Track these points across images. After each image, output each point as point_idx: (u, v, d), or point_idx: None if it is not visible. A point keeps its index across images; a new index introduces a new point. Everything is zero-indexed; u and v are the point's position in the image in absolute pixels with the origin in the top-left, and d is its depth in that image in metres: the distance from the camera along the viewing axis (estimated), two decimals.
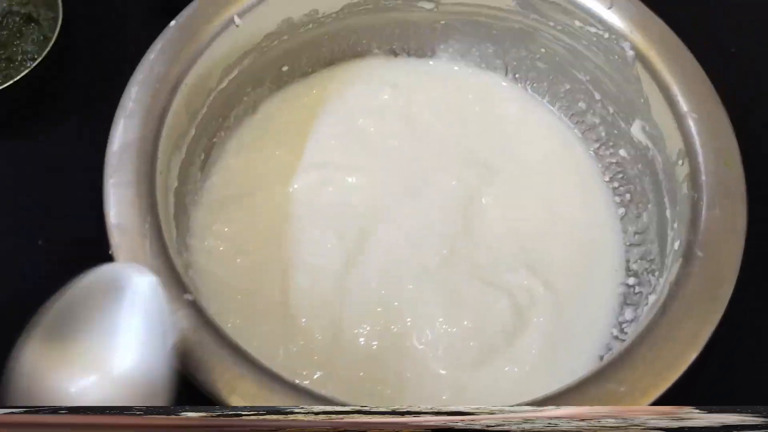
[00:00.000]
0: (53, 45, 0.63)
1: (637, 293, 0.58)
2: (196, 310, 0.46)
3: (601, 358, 0.56)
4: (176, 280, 0.46)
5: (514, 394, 0.51)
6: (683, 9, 0.63)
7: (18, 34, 0.68)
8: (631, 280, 0.59)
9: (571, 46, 0.64)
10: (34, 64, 0.62)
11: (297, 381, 0.49)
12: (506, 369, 0.55)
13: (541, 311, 0.57)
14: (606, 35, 0.60)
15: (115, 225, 0.48)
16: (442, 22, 0.68)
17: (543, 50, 0.66)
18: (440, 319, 0.56)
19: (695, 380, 0.45)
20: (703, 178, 0.52)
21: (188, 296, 0.46)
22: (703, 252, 0.49)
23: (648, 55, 0.58)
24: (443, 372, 0.54)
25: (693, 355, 0.45)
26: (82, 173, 0.52)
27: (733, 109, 0.56)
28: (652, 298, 0.53)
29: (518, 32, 0.66)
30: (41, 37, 0.68)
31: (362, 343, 0.55)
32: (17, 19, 0.68)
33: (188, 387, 0.43)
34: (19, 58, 0.67)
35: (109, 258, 0.47)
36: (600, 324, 0.58)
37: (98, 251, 0.47)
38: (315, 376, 0.53)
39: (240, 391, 0.43)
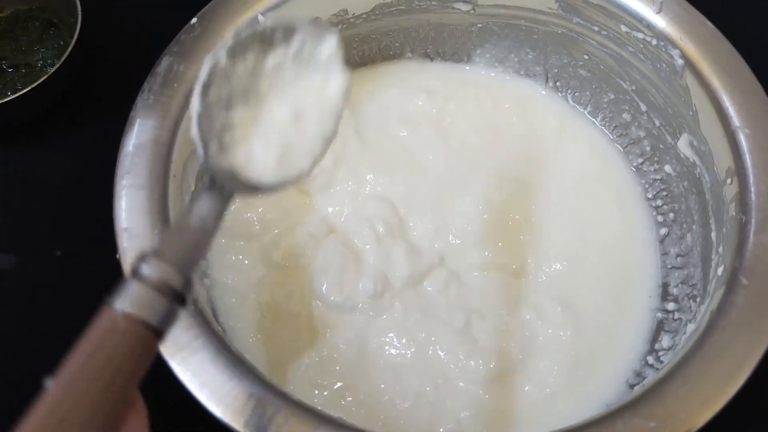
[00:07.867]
0: (71, 50, 0.63)
1: (676, 320, 0.56)
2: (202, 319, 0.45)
3: (632, 387, 0.54)
4: None
5: (536, 418, 0.52)
6: (738, 14, 0.59)
7: (39, 40, 0.67)
8: (671, 306, 0.57)
9: (616, 53, 0.61)
10: (53, 70, 0.62)
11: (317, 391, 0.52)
12: (526, 389, 0.54)
13: (562, 331, 0.56)
14: (654, 42, 0.57)
15: (124, 228, 0.48)
16: (479, 25, 0.66)
17: (586, 57, 0.64)
18: (463, 332, 0.55)
19: (732, 421, 0.43)
20: (753, 199, 0.50)
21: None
22: (749, 280, 0.47)
23: (698, 65, 0.55)
24: (461, 384, 0.53)
25: (730, 392, 0.43)
26: (102, 178, 0.51)
27: None
28: (690, 327, 0.51)
29: (560, 37, 0.64)
30: (61, 42, 0.67)
31: (385, 353, 0.54)
32: (37, 24, 0.68)
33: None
34: (39, 64, 0.66)
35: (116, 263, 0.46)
36: (629, 349, 0.56)
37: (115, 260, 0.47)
38: (335, 387, 0.53)
39: None
